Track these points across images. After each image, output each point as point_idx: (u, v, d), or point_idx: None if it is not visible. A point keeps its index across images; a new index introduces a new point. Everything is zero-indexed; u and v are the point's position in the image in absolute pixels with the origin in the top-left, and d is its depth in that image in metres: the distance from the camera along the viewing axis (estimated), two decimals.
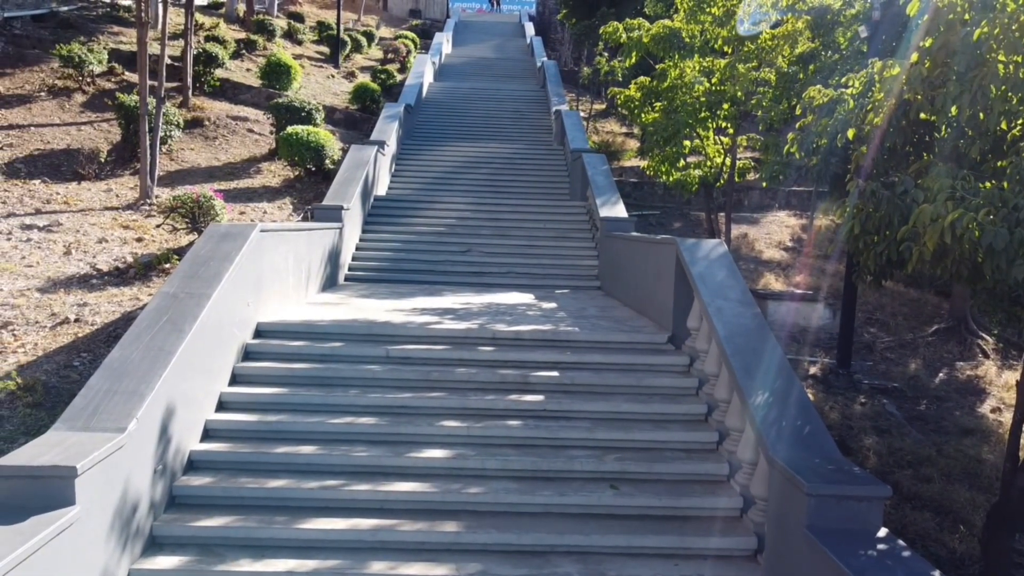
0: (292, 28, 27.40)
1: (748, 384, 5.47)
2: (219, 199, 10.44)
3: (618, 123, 27.46)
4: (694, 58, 10.75)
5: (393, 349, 7.01)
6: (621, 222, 11.62)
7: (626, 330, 7.75)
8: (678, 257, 7.32)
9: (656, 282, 8.21)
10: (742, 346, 5.89)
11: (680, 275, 7.33)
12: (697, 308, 7.01)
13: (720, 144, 11.60)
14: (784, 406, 5.19)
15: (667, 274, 7.70)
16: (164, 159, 14.40)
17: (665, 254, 7.80)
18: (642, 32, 10.99)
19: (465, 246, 12.89)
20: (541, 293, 10.92)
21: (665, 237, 7.99)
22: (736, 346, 5.89)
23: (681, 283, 7.34)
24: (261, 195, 13.23)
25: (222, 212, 10.36)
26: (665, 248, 7.83)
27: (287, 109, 15.38)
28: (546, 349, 7.24)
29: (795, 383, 5.46)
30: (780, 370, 5.59)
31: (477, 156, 17.77)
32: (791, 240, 17.55)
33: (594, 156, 14.75)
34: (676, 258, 7.38)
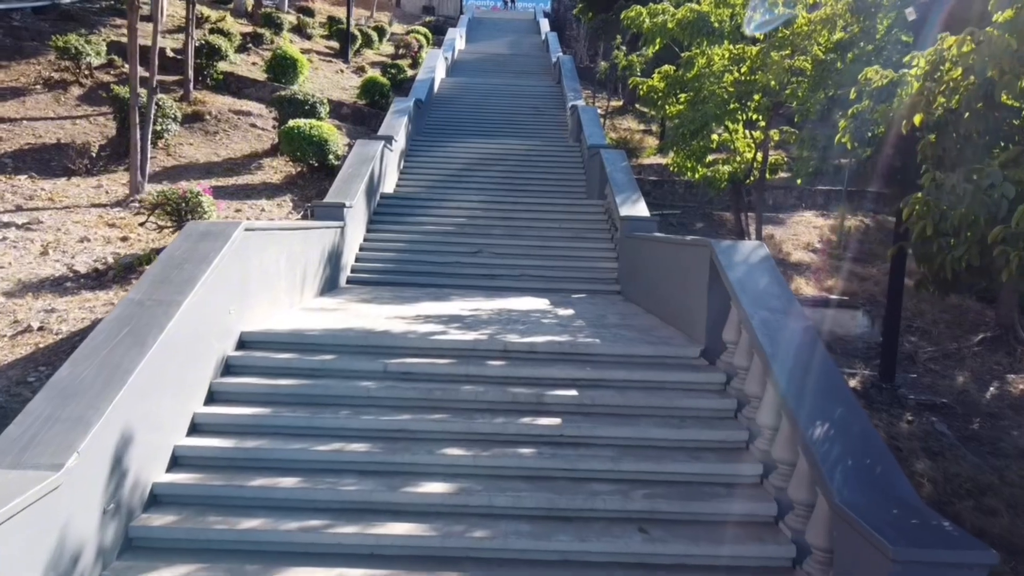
0: (301, 23, 26.74)
1: (801, 411, 4.65)
2: (207, 195, 9.71)
3: (636, 120, 26.62)
4: (723, 45, 9.92)
5: (391, 363, 6.24)
6: (643, 222, 10.80)
7: (652, 342, 6.93)
8: (712, 261, 6.50)
9: (685, 288, 7.39)
10: (792, 366, 5.07)
11: (715, 281, 6.51)
12: (735, 319, 6.20)
13: (750, 138, 10.75)
14: (848, 440, 4.37)
15: (699, 279, 6.88)
16: (160, 154, 13.73)
17: (696, 257, 6.98)
18: (667, 17, 10.19)
19: (475, 247, 12.11)
20: (556, 298, 10.12)
21: (696, 238, 7.18)
22: (785, 365, 5.07)
23: (716, 290, 6.52)
24: (260, 192, 12.52)
25: (210, 209, 9.63)
26: (697, 251, 7.01)
27: (290, 102, 14.67)
28: (563, 364, 6.44)
29: (859, 411, 4.64)
30: (840, 395, 4.77)
31: (489, 153, 17.00)
32: (819, 241, 16.65)
33: (613, 152, 13.93)
34: (710, 262, 6.56)
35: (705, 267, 6.69)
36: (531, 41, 35.60)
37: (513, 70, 28.01)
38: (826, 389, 4.83)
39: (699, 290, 6.87)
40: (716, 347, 6.54)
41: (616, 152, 14.00)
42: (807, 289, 13.55)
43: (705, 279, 6.68)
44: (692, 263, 7.13)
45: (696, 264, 6.99)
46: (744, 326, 5.79)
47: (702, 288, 6.77)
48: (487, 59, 29.70)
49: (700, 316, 6.80)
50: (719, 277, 6.43)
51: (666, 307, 8.17)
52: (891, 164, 7.10)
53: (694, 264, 7.05)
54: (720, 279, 6.38)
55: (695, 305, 7.00)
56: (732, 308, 6.26)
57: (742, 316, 5.78)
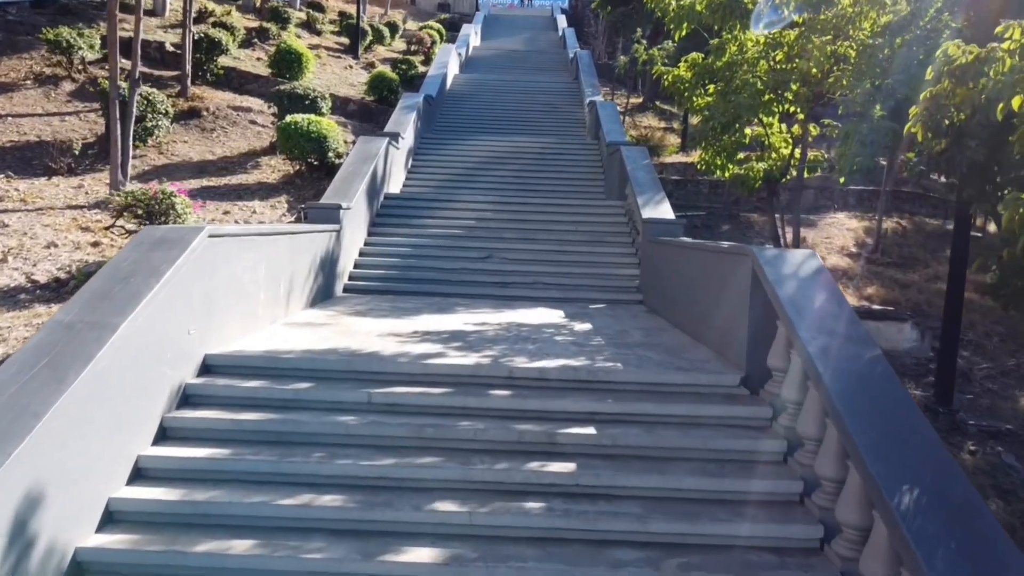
0: (311, 18, 25.96)
1: (879, 467, 3.67)
2: (182, 195, 8.85)
3: (657, 117, 25.61)
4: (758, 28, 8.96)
5: (377, 392, 5.31)
6: (668, 225, 9.82)
7: (683, 366, 5.96)
8: (755, 273, 5.53)
9: (721, 303, 6.41)
10: (863, 407, 4.09)
11: (757, 296, 5.54)
12: (783, 342, 5.23)
13: (787, 133, 9.74)
14: (947, 513, 3.39)
15: (738, 294, 5.91)
16: (151, 152, 12.92)
17: (735, 268, 6.01)
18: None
19: (485, 251, 11.18)
20: (572, 309, 9.17)
21: (735, 245, 6.19)
22: (854, 406, 4.09)
23: (759, 307, 5.55)
24: (254, 192, 11.67)
25: (185, 211, 8.77)
26: (735, 260, 6.03)
27: (289, 97, 13.81)
28: (579, 394, 5.49)
29: (958, 472, 3.65)
30: (929, 449, 3.79)
31: (502, 151, 16.07)
32: (855, 245, 15.57)
33: (634, 149, 12.94)
34: (751, 274, 5.59)
35: (746, 279, 5.72)
36: (548, 37, 34.67)
37: (529, 66, 27.07)
38: (910, 440, 3.85)
39: (738, 306, 5.90)
40: (759, 374, 5.57)
41: (637, 149, 13.02)
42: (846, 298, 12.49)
43: (746, 294, 5.70)
44: (729, 274, 6.16)
45: (734, 275, 6.01)
46: (797, 353, 4.82)
47: (742, 304, 5.80)
48: (502, 55, 28.78)
49: (739, 336, 5.83)
50: (763, 292, 5.46)
51: (697, 323, 7.19)
52: (972, 159, 6.08)
53: (732, 275, 6.08)
54: (764, 294, 5.42)
55: (733, 323, 6.02)
56: (779, 329, 5.29)
57: (794, 341, 4.81)
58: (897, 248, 15.51)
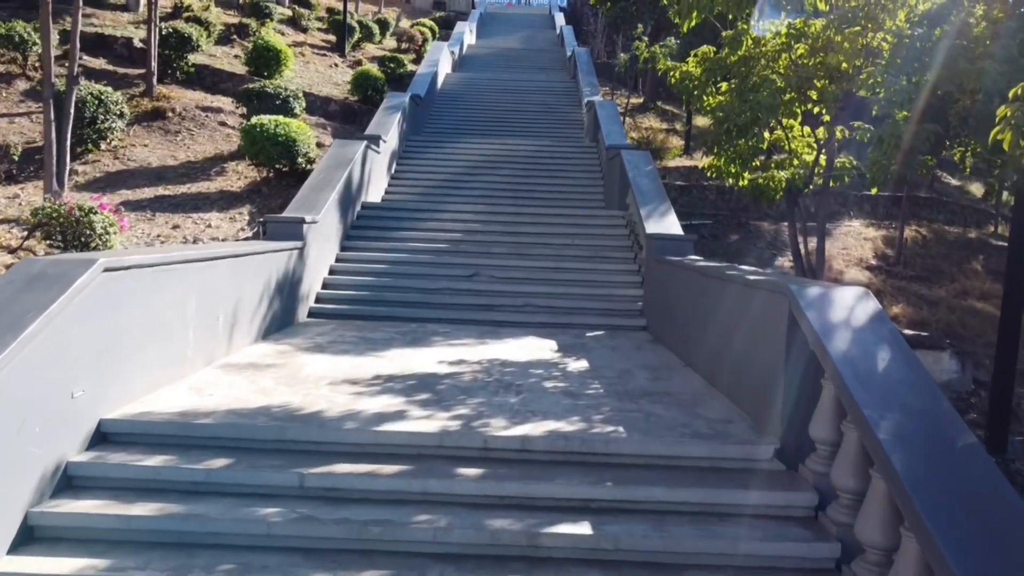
0: (297, 14, 24.80)
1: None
2: (105, 210, 7.69)
3: (658, 118, 24.46)
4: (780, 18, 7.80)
5: (313, 474, 4.15)
6: (675, 241, 8.66)
7: (701, 430, 4.80)
8: (792, 315, 4.39)
9: (746, 347, 5.25)
10: (957, 517, 2.94)
11: (796, 344, 4.40)
12: (831, 407, 4.09)
13: (811, 136, 8.58)
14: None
15: (770, 339, 4.76)
16: (106, 157, 11.77)
17: (767, 306, 4.86)
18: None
19: (471, 269, 10.02)
20: (567, 339, 8.02)
21: (768, 280, 5.01)
22: (944, 516, 2.94)
23: (797, 357, 4.41)
24: (214, 202, 10.52)
25: (110, 231, 7.60)
26: (766, 297, 4.88)
27: (259, 96, 12.65)
28: (571, 471, 4.32)
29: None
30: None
31: (495, 154, 14.92)
32: (875, 257, 14.42)
33: (636, 154, 11.79)
34: (788, 316, 4.45)
35: (779, 322, 4.57)
36: (545, 36, 33.58)
37: (525, 65, 25.95)
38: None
39: (770, 355, 4.74)
40: (797, 443, 4.42)
41: (639, 154, 11.87)
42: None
43: (780, 340, 4.55)
44: (758, 313, 5.00)
45: (765, 316, 4.86)
46: (857, 428, 3.67)
47: (774, 353, 4.65)
48: (497, 54, 27.65)
49: (772, 392, 4.67)
50: (802, 339, 4.32)
51: (714, 364, 6.03)
52: None
53: (762, 315, 4.92)
54: (804, 342, 4.27)
55: (763, 376, 4.86)
56: (826, 390, 4.15)
57: (853, 413, 3.66)
58: (920, 260, 14.36)
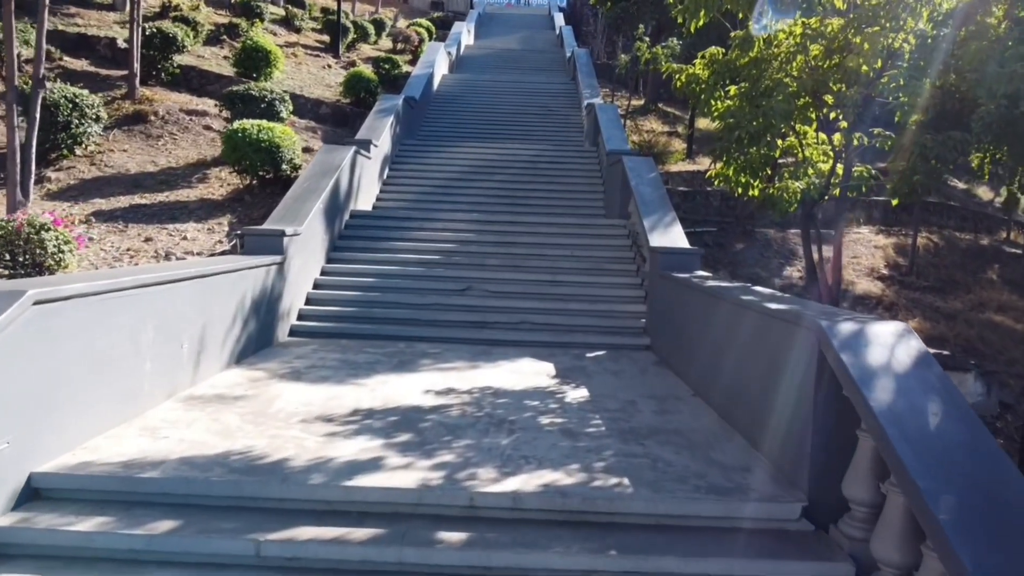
0: (290, 14, 24.23)
1: None
2: (59, 226, 7.12)
3: (660, 120, 23.92)
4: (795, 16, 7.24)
5: (271, 540, 3.59)
6: (681, 255, 8.10)
7: (717, 482, 4.23)
8: (822, 353, 3.83)
9: (767, 384, 4.69)
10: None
11: (825, 385, 3.85)
12: (869, 462, 3.55)
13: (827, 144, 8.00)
14: None
15: (796, 378, 4.20)
16: (82, 163, 11.19)
17: (790, 340, 4.30)
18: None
19: (464, 282, 9.46)
20: (566, 361, 7.46)
21: (793, 310, 4.43)
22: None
23: (829, 403, 3.86)
24: (193, 212, 9.94)
25: (64, 249, 7.03)
26: (790, 330, 4.32)
27: (243, 99, 12.08)
28: (570, 533, 3.76)
29: None
30: None
31: (491, 159, 14.37)
32: (887, 266, 13.86)
33: (638, 160, 11.24)
34: (817, 354, 3.89)
35: (808, 360, 4.02)
36: (544, 37, 33.06)
37: (523, 66, 25.42)
38: None
39: (796, 395, 4.18)
40: (829, 500, 3.86)
41: (642, 160, 11.31)
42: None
43: (809, 380, 4.00)
44: (782, 346, 4.44)
45: (789, 351, 4.30)
46: (907, 498, 3.11)
47: (802, 394, 4.09)
48: (495, 55, 27.13)
49: (798, 439, 4.12)
50: (834, 381, 3.77)
51: (730, 399, 5.46)
52: None
53: (786, 349, 4.36)
54: (837, 384, 3.72)
55: (788, 417, 4.31)
56: (863, 442, 3.61)
57: (901, 479, 3.10)
58: (932, 269, 13.81)
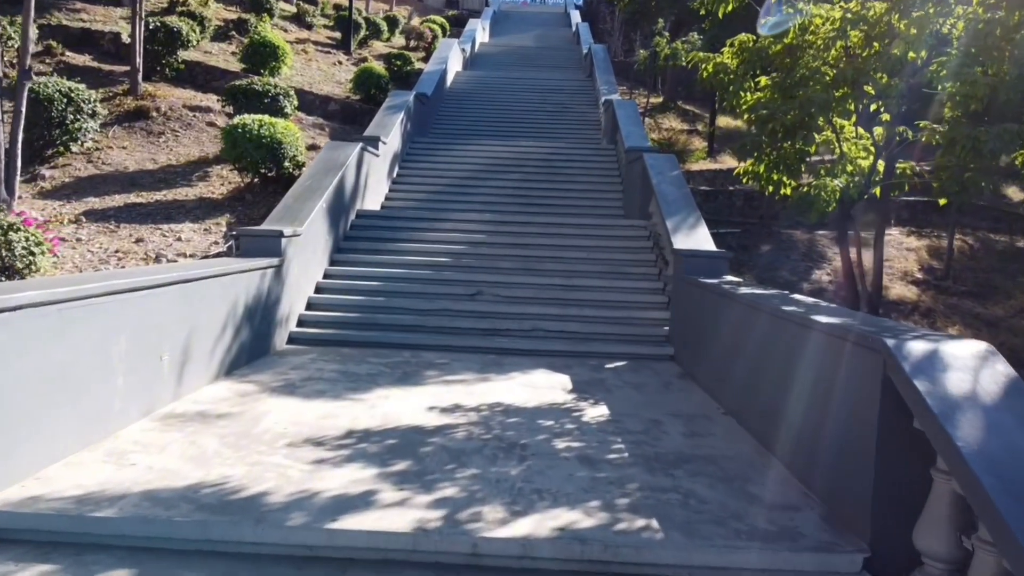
0: (301, 11, 23.81)
1: None
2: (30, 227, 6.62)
3: (679, 118, 23.28)
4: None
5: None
6: (708, 259, 7.52)
7: (760, 524, 3.65)
8: (888, 377, 3.25)
9: (819, 407, 4.10)
10: None
11: (892, 415, 3.27)
12: (948, 512, 2.97)
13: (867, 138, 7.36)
14: None
15: (855, 403, 3.62)
16: (79, 160, 10.75)
17: (849, 361, 3.71)
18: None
19: (474, 286, 8.92)
20: (583, 373, 6.90)
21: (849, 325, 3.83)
22: None
23: (897, 433, 3.29)
24: (190, 211, 9.45)
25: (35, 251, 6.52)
26: (849, 350, 3.72)
27: (245, 93, 11.60)
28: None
29: None
30: None
31: (505, 157, 13.81)
32: (920, 270, 13.18)
33: (660, 157, 10.66)
34: (882, 378, 3.31)
35: (869, 384, 3.44)
36: (560, 34, 32.52)
37: (539, 64, 24.89)
38: None
39: (854, 424, 3.60)
40: (895, 550, 3.27)
41: (663, 157, 10.73)
42: None
43: (871, 408, 3.42)
44: (836, 366, 3.86)
45: (847, 372, 3.72)
46: (1012, 563, 2.52)
47: (862, 423, 3.51)
48: (511, 52, 26.62)
49: (857, 476, 3.53)
50: (903, 409, 3.18)
51: (769, 422, 4.87)
52: None
53: (841, 370, 3.78)
54: (906, 414, 3.14)
55: (843, 449, 3.72)
56: (940, 484, 3.03)
57: (1004, 543, 2.51)
58: (970, 273, 13.11)
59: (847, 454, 3.65)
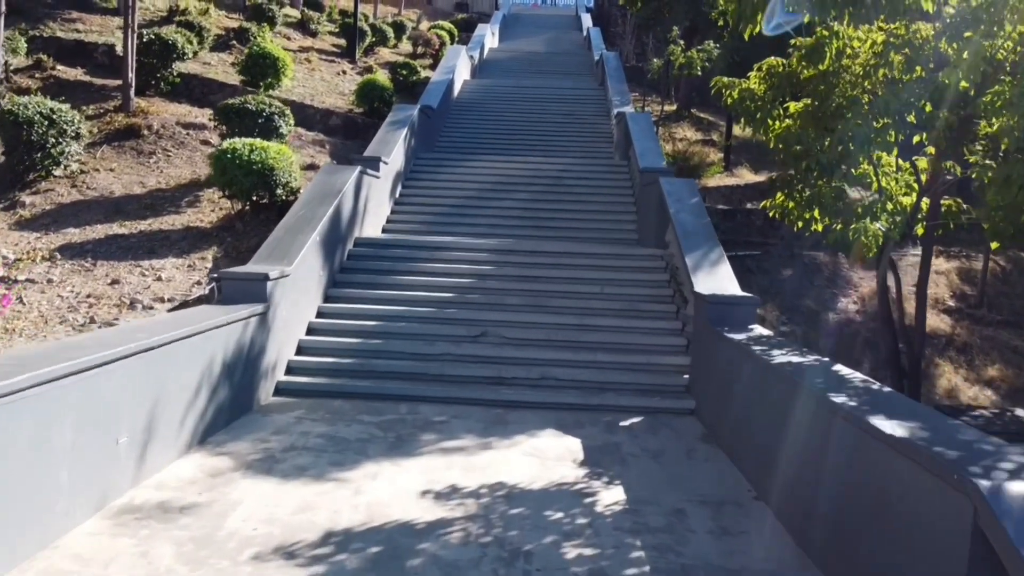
0: (306, 17, 23.23)
1: None
2: None
3: (693, 127, 22.58)
4: (877, 20, 5.92)
5: None
6: (733, 307, 6.82)
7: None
8: (978, 527, 2.59)
9: (887, 537, 3.43)
10: None
11: (987, 571, 2.61)
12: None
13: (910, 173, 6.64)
14: None
15: (936, 547, 2.96)
16: (62, 185, 10.18)
17: (930, 497, 3.05)
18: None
19: (478, 326, 8.28)
20: (596, 435, 6.26)
21: (933, 456, 3.14)
22: None
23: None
24: (175, 243, 8.84)
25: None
26: (928, 483, 3.06)
27: (239, 113, 10.98)
28: None
29: None
30: None
31: (513, 175, 13.15)
32: (952, 296, 12.44)
33: (678, 183, 10.00)
34: (971, 527, 2.65)
35: (957, 530, 2.78)
36: (571, 38, 31.87)
37: (549, 70, 24.26)
38: None
39: (936, 571, 2.93)
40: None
41: (682, 182, 10.07)
42: (960, 382, 9.41)
43: (958, 561, 2.75)
44: (911, 497, 3.19)
45: (927, 509, 3.05)
46: None
47: (947, 573, 2.84)
48: (520, 57, 25.99)
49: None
50: (1000, 570, 2.52)
51: (812, 521, 4.20)
52: None
53: (919, 504, 3.12)
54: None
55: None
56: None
57: None
58: (1005, 300, 12.38)
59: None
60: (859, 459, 3.62)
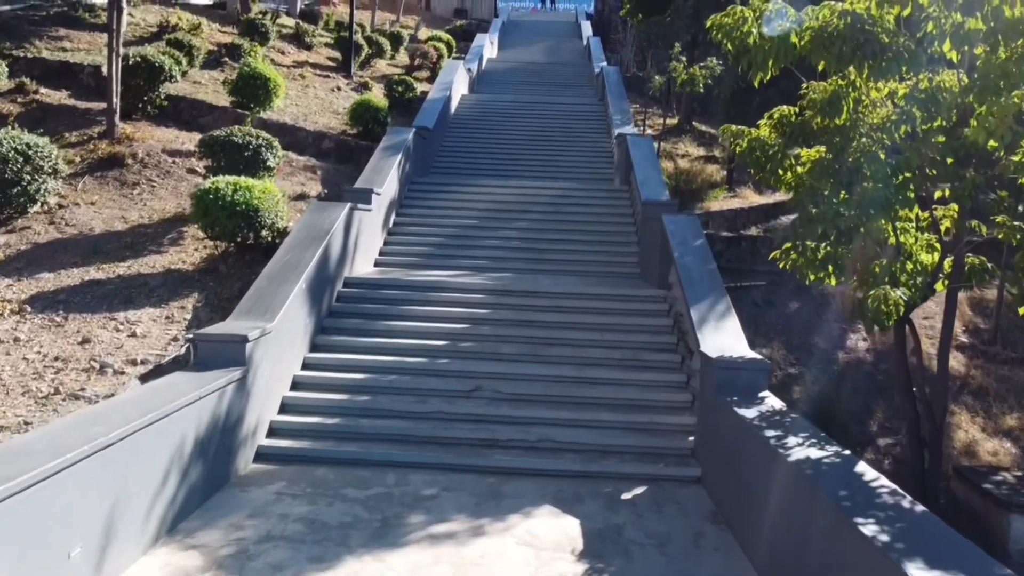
0: (301, 29, 22.78)
1: None
2: None
3: (694, 142, 22.11)
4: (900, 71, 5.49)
5: None
6: (742, 373, 6.38)
7: None
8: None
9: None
10: None
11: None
12: None
13: (932, 235, 6.23)
14: None
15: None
16: (39, 222, 9.74)
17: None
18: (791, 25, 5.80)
19: (472, 380, 7.86)
20: (595, 514, 5.84)
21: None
22: None
23: None
24: (153, 291, 8.40)
25: None
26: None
27: (223, 146, 10.53)
28: None
29: None
30: None
31: (510, 202, 12.74)
32: (964, 330, 12.00)
33: (682, 221, 9.59)
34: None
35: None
36: (571, 47, 31.49)
37: (549, 82, 23.90)
38: None
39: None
40: None
41: (686, 221, 9.67)
42: (983, 441, 8.97)
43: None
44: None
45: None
46: None
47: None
48: (520, 69, 25.58)
49: None
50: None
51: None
52: None
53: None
54: None
55: None
56: None
57: None
58: (1020, 334, 11.92)
59: None
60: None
